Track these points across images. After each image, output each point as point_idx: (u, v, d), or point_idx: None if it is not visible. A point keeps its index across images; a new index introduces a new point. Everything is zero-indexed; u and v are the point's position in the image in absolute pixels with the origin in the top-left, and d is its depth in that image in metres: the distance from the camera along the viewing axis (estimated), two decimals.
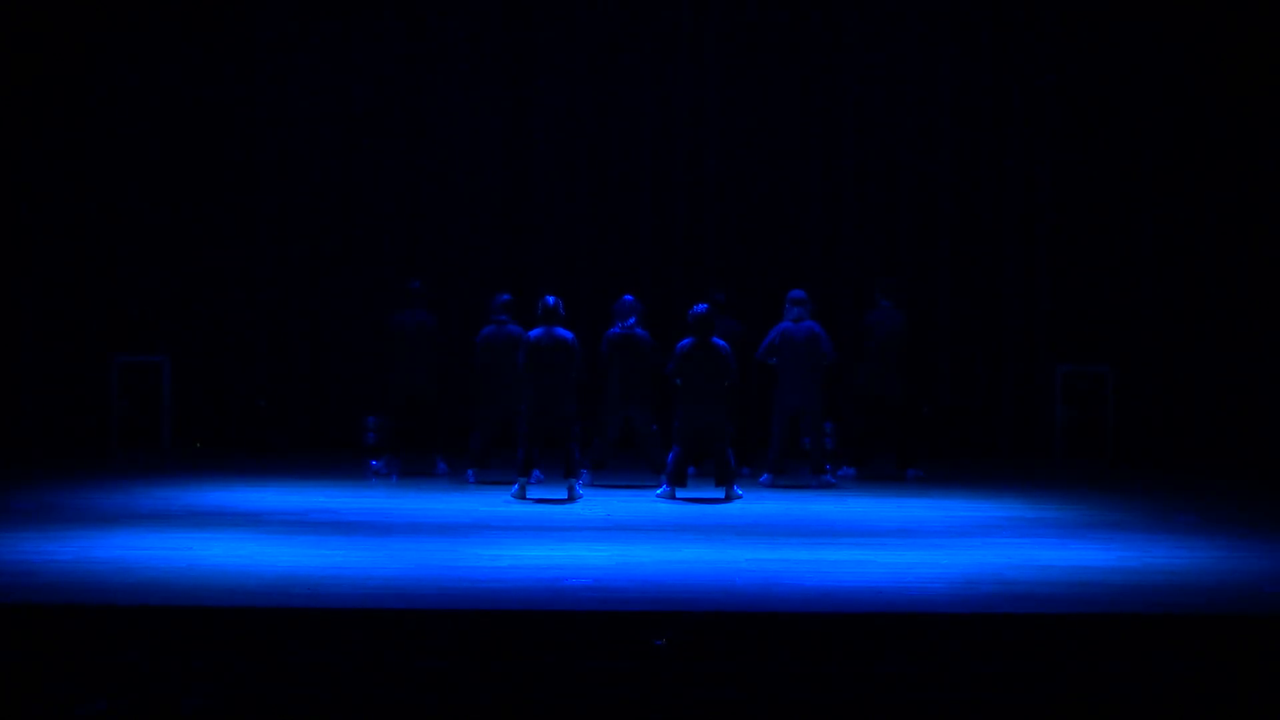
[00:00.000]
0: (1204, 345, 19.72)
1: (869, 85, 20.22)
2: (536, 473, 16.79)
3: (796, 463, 17.76)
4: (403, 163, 20.20)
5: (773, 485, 17.11)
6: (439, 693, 8.76)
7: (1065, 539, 14.34)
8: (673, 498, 16.15)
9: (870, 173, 20.28)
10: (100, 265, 19.61)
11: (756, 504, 15.96)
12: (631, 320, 16.93)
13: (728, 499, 16.10)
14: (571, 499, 16.02)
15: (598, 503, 15.95)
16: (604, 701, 8.71)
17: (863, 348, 17.77)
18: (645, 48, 20.25)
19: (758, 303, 19.30)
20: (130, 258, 19.67)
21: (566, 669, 10.00)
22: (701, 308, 16.29)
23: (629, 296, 17.24)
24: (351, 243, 20.07)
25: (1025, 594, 11.55)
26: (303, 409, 19.91)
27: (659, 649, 9.55)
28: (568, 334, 16.11)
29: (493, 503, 15.80)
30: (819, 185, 20.26)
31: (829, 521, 14.99)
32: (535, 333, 16.10)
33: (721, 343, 16.19)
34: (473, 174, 20.22)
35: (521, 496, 16.01)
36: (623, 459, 17.71)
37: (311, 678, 9.09)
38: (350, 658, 9.66)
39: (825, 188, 20.28)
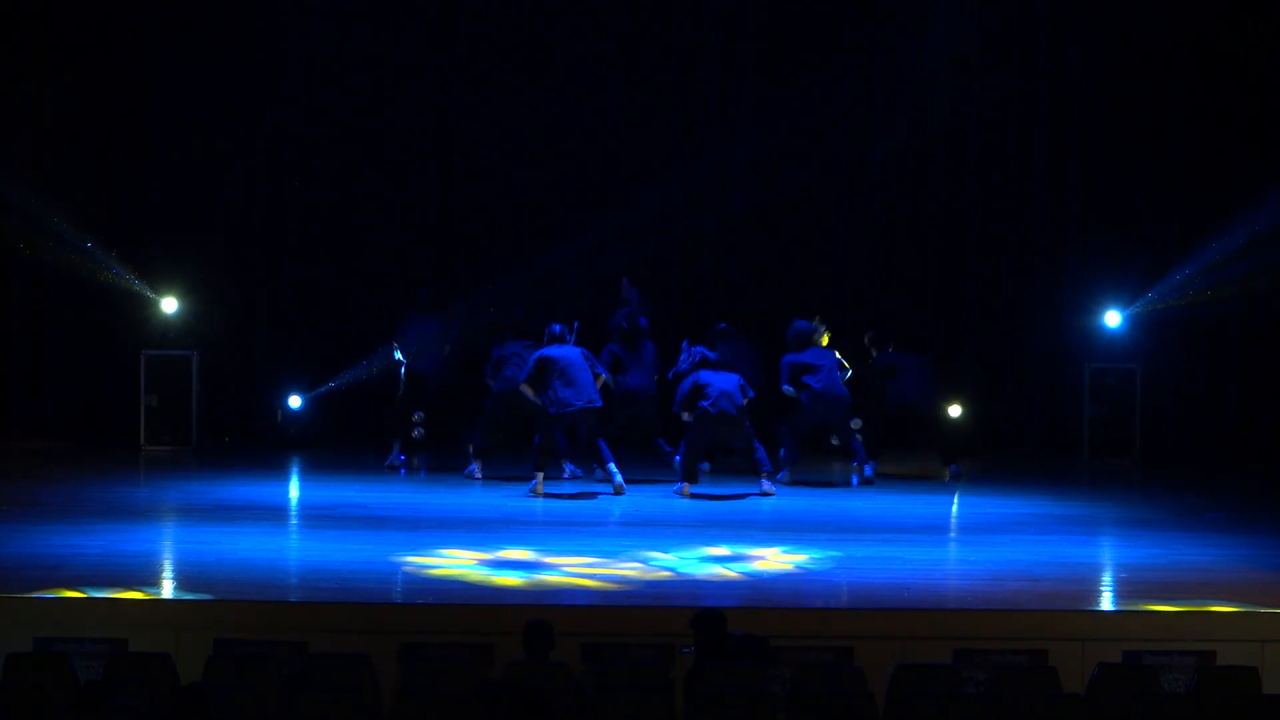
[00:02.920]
0: (1232, 343, 19.65)
1: (897, 93, 20.08)
2: (570, 466, 16.73)
3: (825, 461, 17.74)
4: (429, 163, 20.15)
5: (790, 482, 16.76)
6: (466, 688, 8.78)
7: (1093, 536, 14.33)
8: (688, 494, 15.96)
9: (899, 177, 20.14)
10: (129, 258, 19.61)
11: (784, 500, 15.90)
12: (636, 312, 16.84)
13: (762, 494, 15.92)
14: (618, 491, 15.87)
15: (625, 499, 15.86)
16: (628, 697, 8.71)
17: (893, 370, 17.50)
18: (674, 81, 20.18)
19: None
20: (158, 252, 19.66)
21: (592, 662, 10.00)
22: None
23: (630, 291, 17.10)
24: (378, 238, 20.03)
25: (1053, 590, 11.54)
26: (330, 403, 19.85)
27: (685, 656, 9.57)
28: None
29: (518, 497, 15.76)
30: (847, 195, 20.11)
31: (857, 518, 14.96)
32: (550, 349, 15.92)
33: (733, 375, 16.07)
34: (498, 185, 20.11)
35: (538, 492, 15.86)
36: (643, 456, 17.45)
37: (339, 671, 9.10)
38: (379, 651, 9.67)
39: (854, 195, 20.13)
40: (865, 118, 20.17)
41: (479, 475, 16.74)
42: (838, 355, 16.72)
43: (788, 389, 16.56)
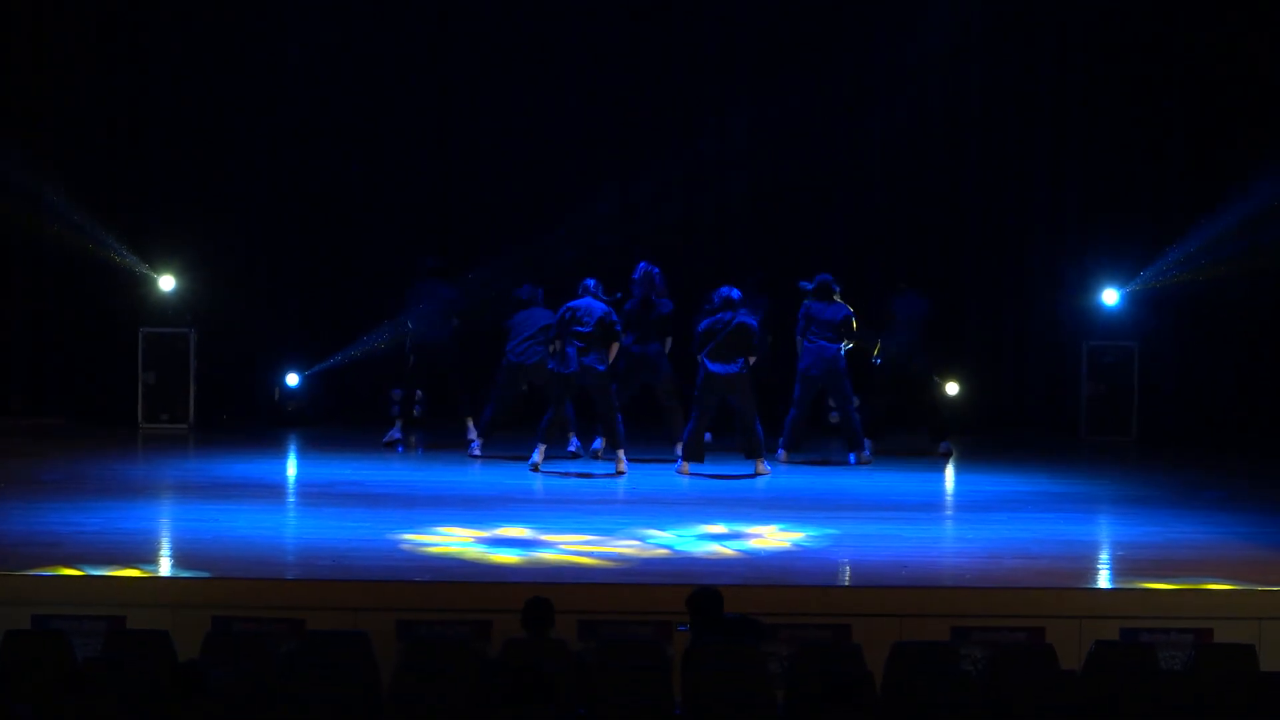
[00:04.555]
0: (1231, 320, 19.65)
1: (897, 72, 20.03)
2: (575, 441, 16.65)
3: (824, 439, 17.73)
4: (428, 143, 20.12)
5: (789, 460, 16.75)
6: (465, 665, 8.78)
7: (1091, 514, 14.34)
8: (687, 472, 15.90)
9: (898, 155, 20.10)
10: (128, 235, 19.58)
11: (781, 478, 15.89)
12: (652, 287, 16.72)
13: (756, 473, 15.88)
14: (620, 471, 15.79)
15: (623, 476, 15.82)
16: (626, 674, 8.73)
17: (886, 324, 17.53)
18: (673, 57, 20.14)
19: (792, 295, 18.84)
20: (157, 229, 19.64)
21: (590, 639, 10.02)
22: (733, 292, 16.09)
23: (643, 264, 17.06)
24: (377, 220, 20.00)
25: (1050, 568, 11.55)
26: (328, 381, 19.82)
27: (682, 634, 9.59)
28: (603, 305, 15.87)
29: (516, 475, 15.75)
30: (848, 172, 20.08)
31: (854, 495, 14.96)
32: (574, 303, 15.83)
33: (749, 319, 15.93)
34: (498, 161, 20.07)
35: (536, 468, 15.82)
36: (646, 433, 17.44)
37: (337, 648, 9.11)
38: (378, 629, 9.68)
39: (854, 173, 20.10)
40: (864, 97, 20.12)
41: (478, 452, 16.68)
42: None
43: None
